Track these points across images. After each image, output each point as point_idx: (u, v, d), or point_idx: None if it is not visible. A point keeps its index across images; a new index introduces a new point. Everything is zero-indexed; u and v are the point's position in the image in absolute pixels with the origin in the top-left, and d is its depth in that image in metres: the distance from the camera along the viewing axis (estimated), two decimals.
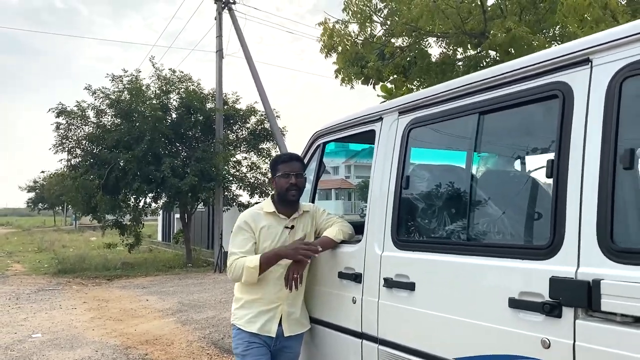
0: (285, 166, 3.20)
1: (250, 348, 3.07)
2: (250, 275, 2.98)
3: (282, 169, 3.19)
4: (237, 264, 3.01)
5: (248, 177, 18.58)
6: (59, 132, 16.69)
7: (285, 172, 3.16)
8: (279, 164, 3.23)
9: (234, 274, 3.04)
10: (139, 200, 17.34)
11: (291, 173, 3.16)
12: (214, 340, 7.26)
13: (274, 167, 3.27)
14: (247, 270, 2.97)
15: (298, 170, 3.20)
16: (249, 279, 3.00)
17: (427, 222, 2.79)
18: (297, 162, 3.28)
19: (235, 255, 3.06)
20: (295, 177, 3.15)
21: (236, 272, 3.02)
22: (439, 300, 2.40)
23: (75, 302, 10.82)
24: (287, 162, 3.24)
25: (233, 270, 3.04)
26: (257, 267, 2.96)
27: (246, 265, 2.97)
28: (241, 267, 2.99)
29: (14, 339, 7.49)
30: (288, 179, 3.14)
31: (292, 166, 3.20)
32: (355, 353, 2.91)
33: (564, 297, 1.86)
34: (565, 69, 2.03)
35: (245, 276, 2.99)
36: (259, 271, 2.98)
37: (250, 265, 2.97)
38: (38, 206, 72.64)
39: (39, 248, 26.63)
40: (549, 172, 2.01)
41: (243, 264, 2.98)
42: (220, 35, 17.70)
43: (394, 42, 8.72)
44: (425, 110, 2.70)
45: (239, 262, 3.02)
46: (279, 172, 3.19)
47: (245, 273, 2.98)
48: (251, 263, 2.97)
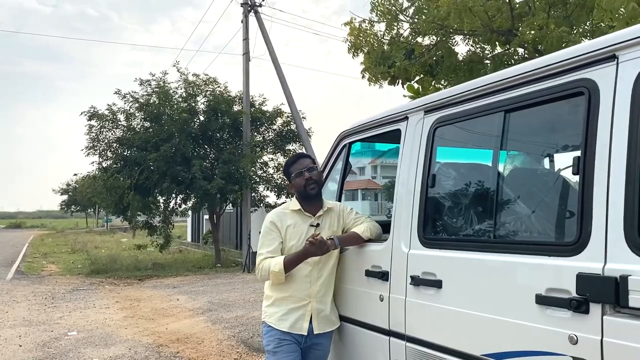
0: (296, 166, 3.30)
1: (281, 345, 3.12)
2: (276, 278, 3.09)
3: (294, 170, 3.29)
4: (264, 266, 3.11)
5: (275, 178, 18.75)
6: (90, 135, 17.07)
7: (298, 171, 3.25)
8: (290, 166, 3.35)
9: (262, 275, 3.15)
10: (168, 201, 17.63)
11: (303, 169, 3.24)
12: (244, 339, 7.35)
13: (287, 172, 3.38)
14: (272, 274, 3.07)
15: (309, 165, 3.28)
16: (276, 281, 3.11)
17: (454, 220, 2.80)
18: (305, 158, 3.37)
19: (262, 256, 3.15)
20: (307, 171, 3.23)
21: (263, 273, 3.13)
22: (466, 297, 2.42)
23: (108, 302, 11.08)
24: (296, 161, 3.34)
25: (260, 270, 3.15)
26: (282, 270, 3.05)
27: (271, 270, 3.06)
28: (267, 269, 3.08)
29: (51, 337, 7.73)
30: (302, 176, 3.23)
31: (301, 164, 3.29)
32: (383, 350, 2.94)
33: (591, 293, 1.86)
34: (591, 66, 2.03)
35: (272, 279, 3.11)
36: (284, 274, 3.06)
37: (275, 270, 3.05)
38: (71, 208, 74.19)
39: (72, 249, 27.28)
40: (575, 169, 2.01)
41: (269, 267, 3.07)
42: (247, 38, 17.88)
43: (420, 41, 8.70)
44: (451, 109, 2.71)
45: (265, 263, 3.11)
46: (292, 173, 3.29)
47: (272, 277, 3.09)
48: (275, 267, 3.06)
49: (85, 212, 73.54)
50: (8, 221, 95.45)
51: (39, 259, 22.61)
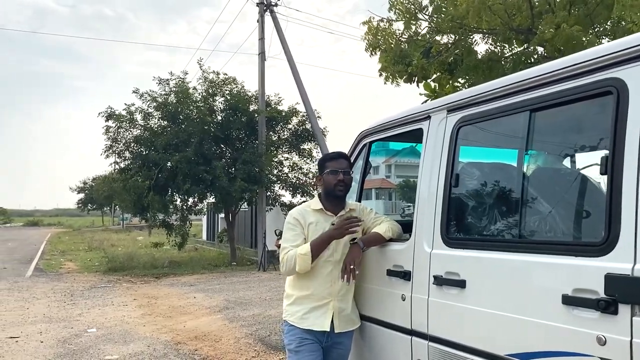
0: (333, 163, 3.29)
1: (303, 344, 3.14)
2: (303, 262, 3.06)
3: (330, 166, 3.28)
4: (289, 255, 3.11)
5: (290, 177, 18.79)
6: (108, 135, 17.20)
7: (334, 169, 3.25)
8: (327, 162, 3.33)
9: (287, 266, 3.12)
10: (186, 200, 17.74)
11: (339, 170, 3.24)
12: (261, 337, 7.39)
13: (322, 165, 3.37)
14: (300, 258, 3.05)
15: (345, 168, 3.29)
16: (303, 265, 3.07)
17: (478, 220, 2.79)
18: (345, 159, 3.36)
19: (286, 249, 3.15)
20: (342, 173, 3.23)
21: (289, 263, 3.10)
22: (491, 297, 2.41)
23: (126, 299, 11.19)
24: (335, 159, 3.33)
25: (285, 262, 3.12)
26: (309, 252, 3.05)
27: (298, 253, 3.06)
28: (293, 256, 3.08)
29: (71, 333, 7.83)
30: (336, 175, 3.22)
31: (340, 163, 3.29)
32: (405, 350, 2.94)
33: (620, 294, 1.85)
34: (619, 65, 2.01)
35: (299, 264, 3.06)
36: (311, 257, 3.06)
37: (302, 252, 3.05)
38: (87, 207, 74.98)
39: (89, 247, 27.59)
40: (603, 169, 2.00)
41: (295, 253, 3.08)
42: (262, 37, 17.93)
43: (439, 40, 8.66)
44: (474, 108, 2.70)
45: (290, 253, 3.11)
46: (327, 169, 3.28)
47: (298, 261, 3.06)
48: (303, 250, 3.07)
49: (101, 210, 74.29)
50: (25, 219, 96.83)
51: (57, 256, 22.90)
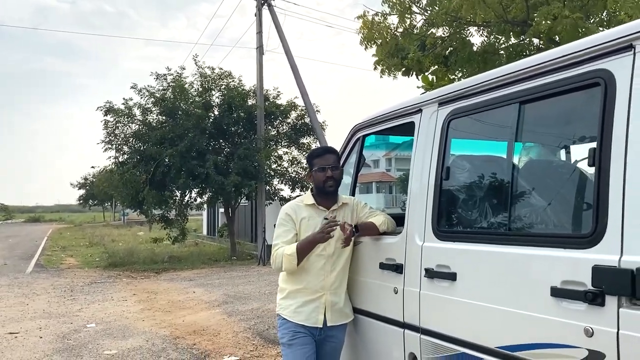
0: (320, 160, 3.28)
1: (295, 338, 3.15)
2: (289, 263, 3.08)
3: (317, 163, 3.27)
4: (278, 253, 3.14)
5: (289, 171, 18.79)
6: (107, 130, 17.22)
7: (321, 166, 3.24)
8: (314, 158, 3.33)
9: (276, 263, 3.17)
10: (184, 195, 17.76)
11: (327, 166, 3.24)
12: (259, 331, 7.41)
13: (310, 162, 3.37)
14: (286, 258, 3.08)
15: (333, 163, 3.28)
16: (289, 266, 3.10)
17: (468, 212, 2.79)
18: (332, 154, 3.35)
19: (277, 246, 3.18)
20: (331, 169, 3.23)
21: (277, 261, 3.14)
22: (481, 289, 2.41)
23: (125, 294, 11.22)
24: (321, 155, 3.33)
25: (275, 259, 3.17)
26: (294, 253, 3.06)
27: (284, 253, 3.08)
28: (281, 255, 3.10)
29: (70, 329, 7.86)
30: (324, 172, 3.22)
31: (327, 159, 3.28)
32: (398, 342, 2.95)
33: (606, 285, 1.85)
34: (607, 56, 2.01)
35: (285, 264, 3.10)
36: (297, 259, 3.07)
37: (288, 252, 3.07)
38: (88, 202, 74.96)
39: (90, 242, 27.66)
40: (591, 160, 1.99)
41: (282, 253, 3.10)
42: (261, 31, 17.90)
43: (434, 33, 8.63)
44: (465, 101, 2.70)
45: (279, 251, 3.14)
46: (315, 166, 3.28)
47: (284, 260, 3.09)
48: (289, 250, 3.08)
49: (102, 206, 74.30)
50: (27, 215, 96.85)
51: (57, 252, 22.95)
